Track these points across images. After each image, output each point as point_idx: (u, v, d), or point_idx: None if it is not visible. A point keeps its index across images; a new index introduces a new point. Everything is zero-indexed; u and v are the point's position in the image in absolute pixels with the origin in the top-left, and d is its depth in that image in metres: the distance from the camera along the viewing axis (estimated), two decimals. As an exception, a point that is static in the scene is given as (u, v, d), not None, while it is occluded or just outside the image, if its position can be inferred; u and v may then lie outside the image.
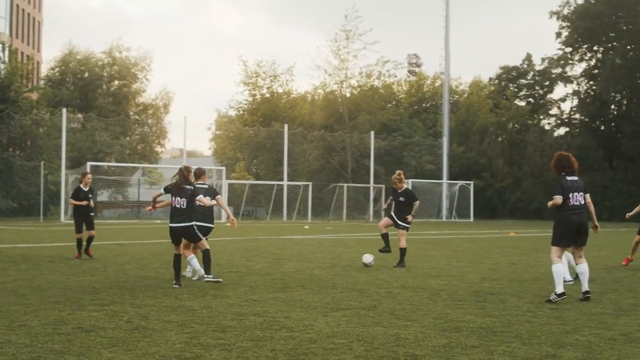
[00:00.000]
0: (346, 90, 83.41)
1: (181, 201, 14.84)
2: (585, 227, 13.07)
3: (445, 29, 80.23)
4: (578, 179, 13.17)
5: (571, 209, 12.89)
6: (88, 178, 21.50)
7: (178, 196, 14.89)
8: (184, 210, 14.82)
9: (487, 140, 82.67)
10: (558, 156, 13.44)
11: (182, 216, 14.82)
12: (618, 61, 76.53)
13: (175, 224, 14.87)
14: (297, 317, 10.77)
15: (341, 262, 20.33)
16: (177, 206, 14.86)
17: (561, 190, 12.92)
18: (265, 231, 41.01)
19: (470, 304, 12.35)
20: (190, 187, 14.98)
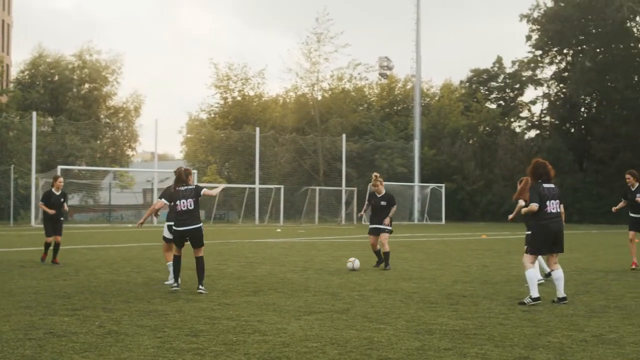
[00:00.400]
0: (318, 93, 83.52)
1: (187, 203, 14.37)
2: (561, 233, 13.06)
3: (416, 32, 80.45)
4: (554, 186, 13.17)
5: (549, 217, 12.86)
6: (60, 182, 21.00)
7: (183, 199, 14.39)
8: (191, 211, 14.38)
9: (458, 143, 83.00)
10: (535, 163, 13.41)
11: (191, 218, 14.37)
12: (588, 64, 77.04)
13: (183, 227, 14.33)
14: (270, 320, 10.74)
15: (314, 266, 20.31)
16: (183, 209, 14.35)
17: (538, 198, 12.91)
18: (238, 235, 40.94)
19: (442, 306, 12.36)
20: (193, 186, 14.63)
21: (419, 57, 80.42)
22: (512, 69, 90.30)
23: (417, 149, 77.46)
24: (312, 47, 79.86)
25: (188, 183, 14.61)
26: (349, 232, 47.17)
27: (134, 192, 79.88)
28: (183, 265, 15.12)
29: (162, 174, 76.19)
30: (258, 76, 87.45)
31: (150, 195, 71.10)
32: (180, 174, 14.71)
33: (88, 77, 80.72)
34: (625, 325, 10.57)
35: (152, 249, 26.97)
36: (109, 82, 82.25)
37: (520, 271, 16.54)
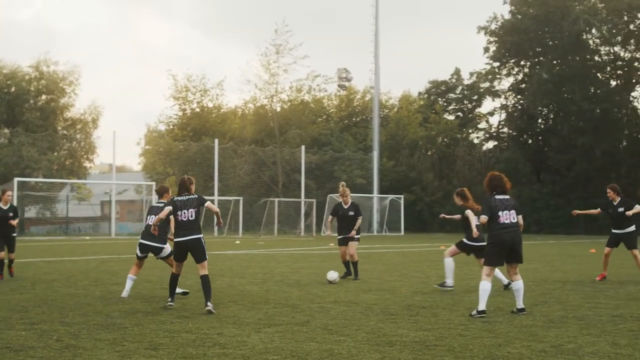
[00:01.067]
0: (277, 104, 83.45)
1: (188, 213, 13.71)
2: (518, 244, 13.05)
3: (374, 44, 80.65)
4: (509, 197, 13.21)
5: (502, 227, 12.88)
6: (8, 195, 19.75)
7: (184, 209, 13.74)
8: (192, 222, 13.69)
9: (417, 154, 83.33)
10: (490, 176, 13.50)
11: (190, 228, 13.66)
12: (545, 76, 77.68)
13: (183, 238, 13.63)
14: (230, 333, 10.69)
15: (273, 277, 20.26)
16: (184, 219, 13.68)
17: (488, 210, 12.95)
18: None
19: (402, 318, 12.38)
20: (195, 196, 13.97)
21: (378, 68, 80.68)
22: (470, 80, 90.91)
23: (376, 160, 77.62)
24: (271, 58, 79.85)
25: (191, 192, 14.04)
26: (308, 243, 47.15)
27: (91, 204, 79.33)
28: (142, 279, 15.01)
29: (120, 186, 75.85)
30: (217, 88, 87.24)
31: (108, 207, 70.63)
32: (184, 182, 14.13)
33: (45, 88, 79.95)
34: (584, 335, 10.64)
35: (110, 261, 26.79)
36: (67, 94, 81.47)
37: (479, 281, 16.57)
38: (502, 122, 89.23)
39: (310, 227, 69.87)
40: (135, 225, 69.99)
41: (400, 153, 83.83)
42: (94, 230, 71.01)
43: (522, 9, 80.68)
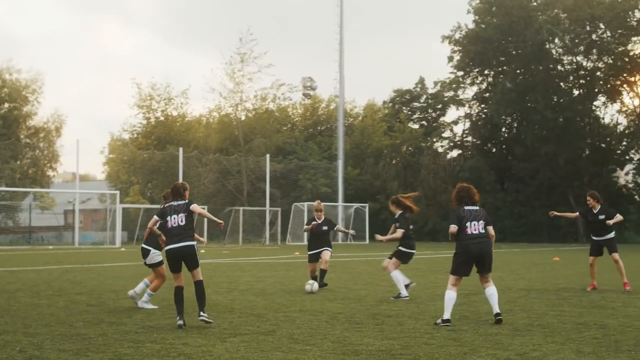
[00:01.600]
0: (241, 113, 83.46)
1: (177, 218, 12.81)
2: (486, 255, 13.03)
3: (339, 53, 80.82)
4: (479, 208, 13.21)
5: (469, 237, 12.87)
6: None
7: (174, 214, 12.88)
8: (182, 227, 12.76)
9: (382, 162, 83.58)
10: (458, 188, 13.51)
11: (181, 235, 12.72)
12: (508, 85, 78.19)
13: (174, 245, 12.69)
14: (195, 343, 10.63)
15: (238, 287, 20.19)
16: (173, 225, 12.78)
17: (456, 220, 12.95)
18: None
19: (368, 326, 12.36)
20: (185, 201, 13.12)
21: (342, 77, 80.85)
22: (434, 89, 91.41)
23: (341, 169, 77.73)
24: (236, 67, 79.90)
25: (184, 197, 13.21)
26: (274, 252, 47.09)
27: (54, 213, 78.81)
28: (107, 289, 14.88)
29: (83, 195, 75.32)
30: (181, 96, 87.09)
31: (72, 216, 70.17)
32: (177, 187, 13.39)
33: (8, 96, 79.40)
34: (548, 343, 10.68)
35: (73, 271, 26.59)
36: (29, 102, 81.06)
37: (445, 289, 16.61)
38: (466, 131, 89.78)
39: (275, 236, 69.79)
40: (99, 235, 69.57)
41: (365, 162, 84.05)
42: (57, 239, 70.48)
43: (486, 18, 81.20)
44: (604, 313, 14.19)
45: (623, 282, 19.11)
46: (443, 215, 79.18)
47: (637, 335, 11.37)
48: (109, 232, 63.10)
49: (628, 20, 73.43)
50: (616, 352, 9.94)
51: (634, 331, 11.82)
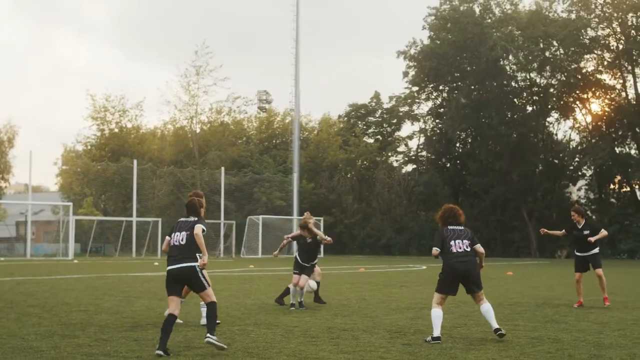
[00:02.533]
0: (196, 125, 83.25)
1: (180, 236, 11.61)
2: (471, 273, 12.91)
3: (295, 67, 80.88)
4: (463, 228, 13.10)
5: (455, 256, 12.78)
6: None
7: (177, 231, 11.74)
8: (183, 247, 11.51)
9: (337, 176, 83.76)
10: (443, 209, 13.39)
11: (179, 255, 11.45)
12: (463, 100, 78.69)
13: (171, 266, 11.49)
14: (149, 356, 10.54)
15: (192, 300, 19.96)
16: (174, 244, 11.62)
17: (440, 241, 12.88)
18: (114, 268, 40.25)
19: (323, 340, 12.33)
20: (193, 219, 11.92)
21: (298, 91, 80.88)
22: (389, 104, 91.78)
23: (296, 183, 77.72)
24: (191, 79, 79.75)
25: (198, 214, 12.11)
26: (228, 265, 46.93)
27: (6, 224, 78.00)
28: (60, 301, 14.69)
29: (36, 206, 74.61)
30: (136, 108, 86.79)
31: (24, 228, 69.45)
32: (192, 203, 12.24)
33: (-41, 107, 78.66)
34: (503, 357, 10.72)
35: (25, 283, 26.29)
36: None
37: (400, 303, 16.68)
38: (421, 146, 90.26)
39: (229, 248, 69.60)
40: (52, 246, 68.95)
41: (320, 175, 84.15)
42: (8, 251, 69.77)
43: (441, 34, 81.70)
44: (557, 327, 14.28)
45: (603, 296, 19.02)
46: (398, 229, 79.44)
47: (590, 350, 11.45)
48: (61, 244, 62.54)
49: (581, 38, 74.23)
50: (570, 366, 10.00)
51: (587, 345, 11.90)
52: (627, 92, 75.80)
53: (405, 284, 27.57)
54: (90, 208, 72.76)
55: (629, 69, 74.27)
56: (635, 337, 12.91)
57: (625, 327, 14.36)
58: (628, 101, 75.19)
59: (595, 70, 77.01)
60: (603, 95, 77.39)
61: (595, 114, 77.89)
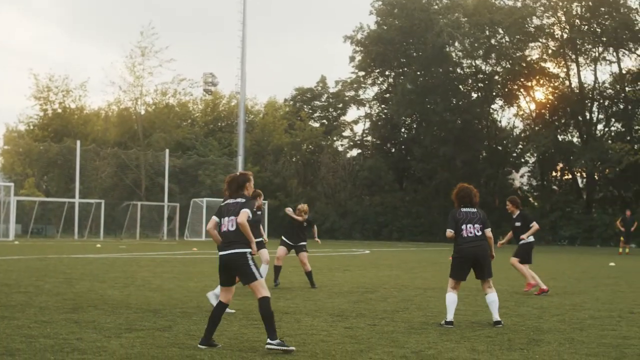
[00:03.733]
0: (141, 107, 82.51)
1: (229, 221, 10.59)
2: (483, 258, 12.83)
3: (241, 49, 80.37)
4: (476, 210, 13.00)
5: (465, 241, 12.77)
6: None
7: (226, 215, 10.69)
8: (233, 233, 10.52)
9: (282, 160, 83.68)
10: (459, 188, 13.29)
11: (231, 240, 10.49)
12: (408, 86, 78.96)
13: (220, 252, 10.55)
14: (90, 338, 10.46)
15: (135, 282, 19.94)
16: (224, 230, 10.66)
17: (453, 223, 12.86)
18: (56, 249, 39.86)
19: (265, 323, 12.32)
20: (241, 200, 10.64)
21: (244, 74, 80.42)
22: (335, 88, 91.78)
23: (241, 166, 77.38)
24: (136, 60, 78.92)
25: (241, 194, 10.83)
26: (171, 248, 46.74)
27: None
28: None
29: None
30: (80, 88, 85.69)
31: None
32: (235, 179, 11.04)
33: None
34: (443, 341, 10.81)
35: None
36: None
37: (343, 287, 16.75)
38: (367, 131, 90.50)
39: (173, 231, 69.30)
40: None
41: (265, 159, 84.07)
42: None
43: (388, 20, 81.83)
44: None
45: None
46: (342, 213, 79.63)
47: (530, 334, 11.60)
48: (2, 225, 61.74)
49: (526, 26, 74.79)
50: (509, 350, 10.12)
51: (526, 330, 12.05)
52: (570, 80, 76.63)
53: (348, 268, 27.68)
54: (32, 189, 71.95)
55: (573, 57, 75.04)
56: (573, 322, 13.09)
57: (564, 312, 14.57)
58: (571, 90, 76.01)
59: (540, 59, 77.69)
60: (547, 83, 78.14)
61: (539, 101, 78.63)
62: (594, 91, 75.69)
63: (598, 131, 75.80)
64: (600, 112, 76.19)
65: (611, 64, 75.20)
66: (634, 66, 74.16)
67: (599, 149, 68.62)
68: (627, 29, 69.66)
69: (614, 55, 74.06)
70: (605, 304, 16.16)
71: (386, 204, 77.22)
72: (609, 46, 73.52)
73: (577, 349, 10.32)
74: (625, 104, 72.92)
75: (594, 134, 74.39)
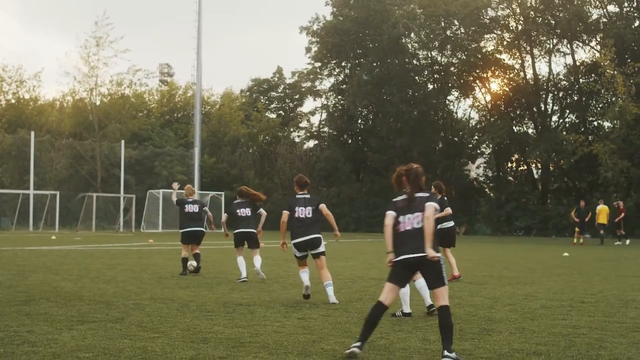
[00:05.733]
0: (96, 98, 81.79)
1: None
2: None
3: (197, 40, 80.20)
4: None
5: None
6: None
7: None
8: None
9: (239, 151, 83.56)
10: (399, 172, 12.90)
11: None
12: (365, 77, 79.06)
13: (414, 254, 9.58)
14: (41, 331, 10.41)
15: (89, 274, 19.85)
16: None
17: None
18: (10, 242, 39.55)
19: (219, 315, 12.34)
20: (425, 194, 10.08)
21: (200, 64, 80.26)
22: (292, 79, 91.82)
23: (197, 157, 77.25)
24: (91, 51, 78.18)
25: None
26: (127, 239, 46.51)
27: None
28: None
29: None
30: (34, 79, 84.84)
31: None
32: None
33: None
34: (396, 332, 10.88)
35: None
36: None
37: (298, 278, 16.78)
38: (323, 122, 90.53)
39: (129, 223, 68.94)
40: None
41: (221, 150, 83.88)
42: None
43: (344, 10, 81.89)
44: (450, 302, 14.44)
45: None
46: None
47: (481, 324, 11.70)
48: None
49: (481, 18, 75.15)
50: (460, 340, 10.20)
51: (479, 320, 12.16)
52: (525, 72, 77.11)
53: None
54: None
55: (528, 49, 75.54)
56: (525, 312, 13.23)
57: (516, 302, 14.70)
58: (526, 81, 76.52)
59: (495, 50, 78.06)
60: (502, 74, 78.55)
61: (495, 93, 79.04)
62: (548, 83, 76.20)
63: (553, 122, 76.34)
64: (555, 104, 76.77)
65: (565, 56, 75.86)
66: (587, 58, 74.82)
67: (554, 140, 69.17)
68: (581, 21, 70.21)
69: (567, 47, 74.64)
70: (557, 294, 16.33)
71: (343, 195, 77.32)
72: (563, 38, 74.07)
73: (527, 338, 10.44)
74: (580, 96, 73.47)
75: (548, 125, 74.91)
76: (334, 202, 77.19)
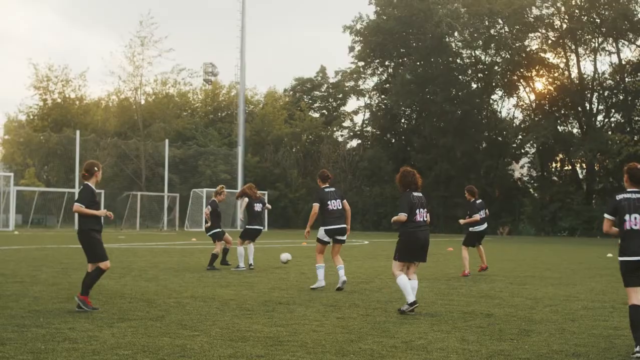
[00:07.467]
0: (141, 97, 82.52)
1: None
2: (427, 243, 13.10)
3: (241, 39, 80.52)
4: (421, 195, 13.20)
5: (417, 225, 12.88)
6: None
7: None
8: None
9: (282, 150, 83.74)
10: (403, 172, 13.31)
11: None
12: (408, 76, 78.97)
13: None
14: (82, 328, 10.50)
15: (131, 272, 19.99)
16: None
17: (408, 207, 12.86)
18: (55, 240, 39.93)
19: (258, 313, 12.37)
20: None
21: (244, 64, 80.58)
22: (335, 79, 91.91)
23: (241, 156, 77.54)
24: (136, 50, 78.95)
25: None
26: (170, 238, 46.79)
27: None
28: None
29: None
30: (79, 78, 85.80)
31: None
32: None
33: None
34: (434, 331, 10.85)
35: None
36: None
37: (336, 278, 16.78)
38: (366, 121, 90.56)
39: (173, 221, 69.34)
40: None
41: (265, 149, 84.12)
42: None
43: (387, 10, 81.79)
44: (491, 303, 14.46)
45: None
46: (398, 208, 79.62)
47: (521, 325, 11.63)
48: (2, 215, 61.83)
49: (525, 17, 74.77)
50: (499, 341, 10.15)
51: (518, 320, 12.08)
52: (570, 71, 76.65)
53: (345, 259, 27.63)
54: (33, 179, 72.05)
55: (572, 48, 75.06)
56: (565, 313, 13.12)
57: (557, 303, 14.59)
58: (571, 80, 76.02)
59: (539, 49, 77.69)
60: (547, 73, 78.15)
61: (539, 92, 78.64)
62: (593, 82, 75.65)
63: (598, 122, 75.81)
64: (600, 103, 76.20)
65: (611, 55, 75.32)
66: (633, 57, 74.14)
67: (599, 139, 68.64)
68: (627, 19, 69.62)
69: (613, 45, 74.09)
70: (599, 295, 16.19)
71: (386, 194, 77.23)
72: (608, 37, 73.51)
73: (567, 340, 10.36)
74: (625, 95, 72.88)
75: (593, 125, 74.37)
76: (377, 202, 77.17)
